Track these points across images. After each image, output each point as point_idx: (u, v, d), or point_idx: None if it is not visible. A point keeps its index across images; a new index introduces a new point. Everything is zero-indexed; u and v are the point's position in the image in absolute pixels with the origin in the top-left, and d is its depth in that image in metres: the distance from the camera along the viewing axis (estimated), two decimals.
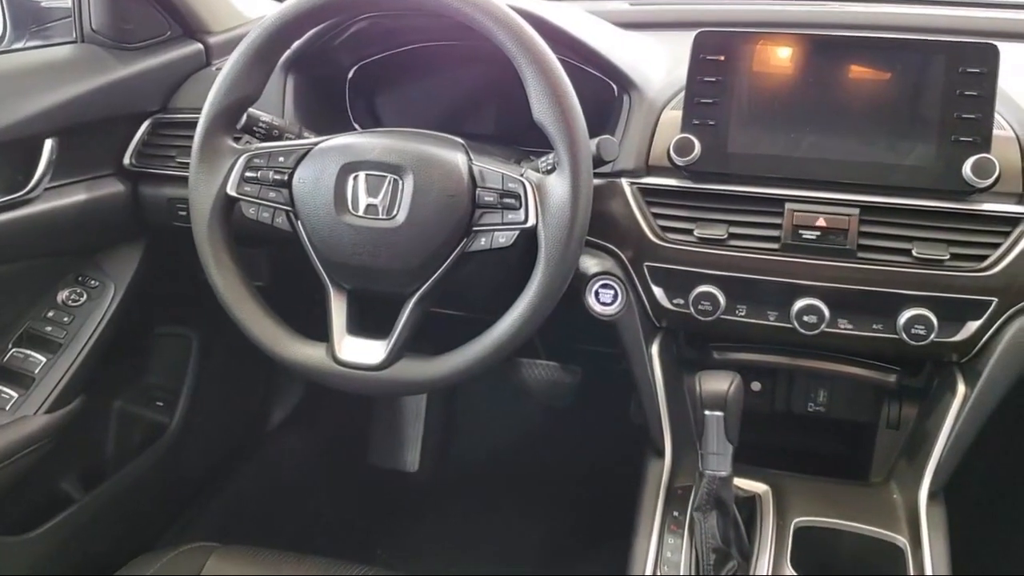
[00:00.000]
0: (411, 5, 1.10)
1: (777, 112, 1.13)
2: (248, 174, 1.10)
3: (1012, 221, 1.07)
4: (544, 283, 1.02)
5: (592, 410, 1.99)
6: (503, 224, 1.03)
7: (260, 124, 1.17)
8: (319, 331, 1.12)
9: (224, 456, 1.92)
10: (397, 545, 1.94)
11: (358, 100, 1.45)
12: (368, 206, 1.05)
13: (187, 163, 1.12)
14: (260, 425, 2.04)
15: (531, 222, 1.02)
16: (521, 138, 1.24)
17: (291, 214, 1.10)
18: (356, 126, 1.44)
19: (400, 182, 1.04)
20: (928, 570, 1.10)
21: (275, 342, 1.12)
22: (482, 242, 1.04)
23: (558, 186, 1.01)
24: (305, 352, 1.11)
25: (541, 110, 1.00)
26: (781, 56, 1.13)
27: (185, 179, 1.13)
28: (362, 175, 1.06)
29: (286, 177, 1.09)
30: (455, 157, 1.05)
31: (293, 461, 2.03)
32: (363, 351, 1.08)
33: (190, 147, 1.12)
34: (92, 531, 1.54)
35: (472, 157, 1.06)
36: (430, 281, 1.06)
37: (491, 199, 1.03)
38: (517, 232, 1.03)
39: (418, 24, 1.35)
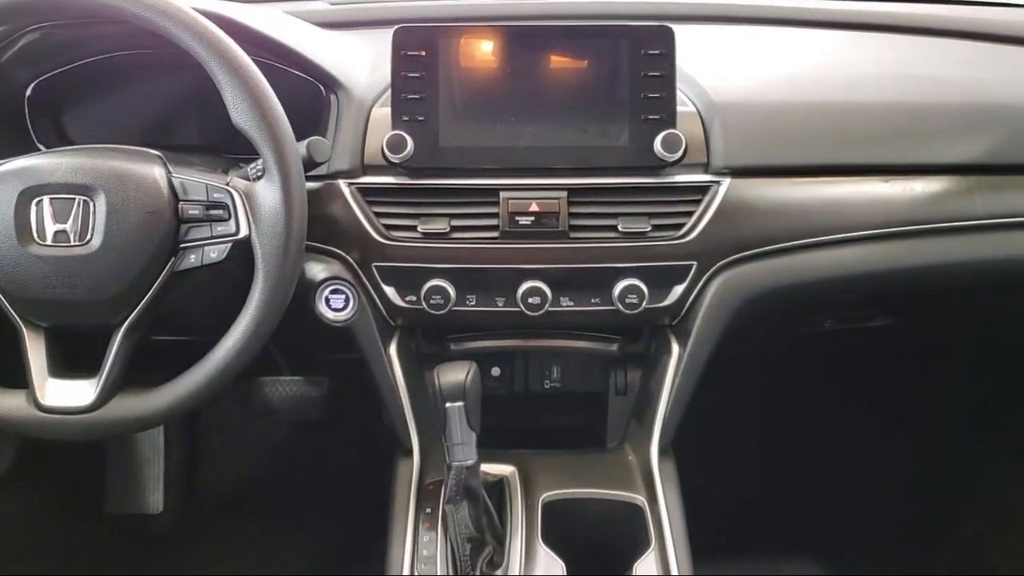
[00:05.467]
0: (80, 12, 1.02)
1: (484, 104, 1.16)
2: None
3: (701, 190, 1.16)
4: (265, 295, 0.98)
5: (343, 419, 1.96)
6: (213, 238, 0.99)
7: None
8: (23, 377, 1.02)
9: None
10: None
11: (41, 119, 1.32)
12: (57, 233, 0.97)
13: None
14: None
15: (243, 232, 0.98)
16: (229, 146, 1.18)
17: None
18: (41, 147, 1.31)
19: (91, 203, 0.97)
20: (665, 522, 1.17)
21: None
22: (192, 259, 0.99)
23: (268, 192, 0.98)
24: (1, 403, 1.00)
25: (239, 114, 0.97)
26: (482, 49, 1.16)
27: None
28: (46, 200, 0.97)
29: None
30: (151, 171, 0.99)
31: (16, 525, 1.82)
32: (70, 393, 1.00)
33: None
34: None
35: (171, 169, 1.01)
36: (139, 308, 1.00)
37: (196, 212, 0.99)
38: (229, 244, 0.99)
39: (102, 33, 1.24)
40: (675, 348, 1.24)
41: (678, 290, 1.18)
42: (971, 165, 1.22)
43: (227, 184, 0.99)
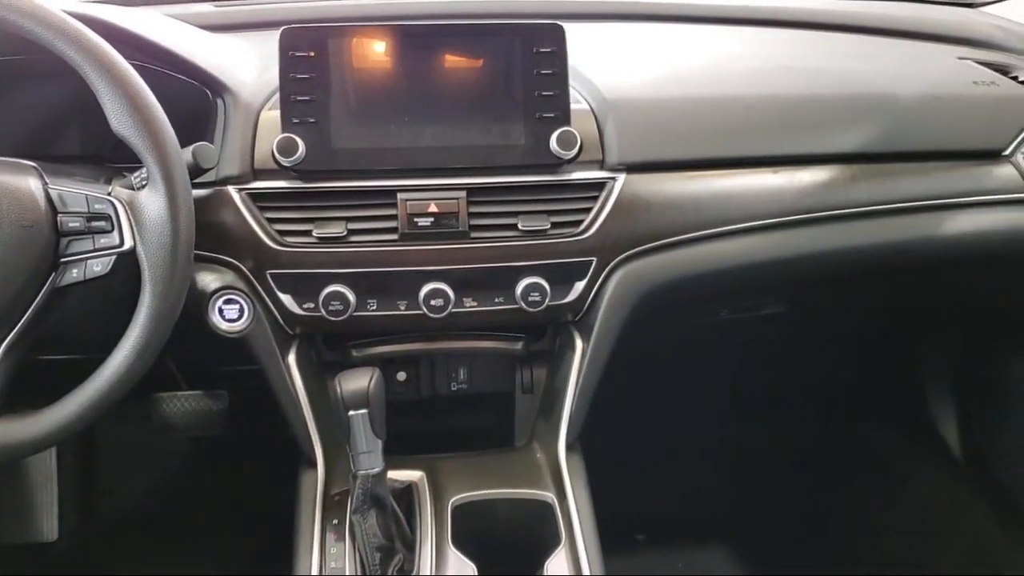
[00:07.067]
0: None
1: (376, 104, 1.14)
2: None
3: (597, 186, 1.17)
4: (153, 309, 0.95)
5: (247, 432, 1.90)
6: (96, 250, 0.95)
7: None
8: None
9: None
10: None
11: None
12: None
13: None
14: None
15: (128, 244, 0.94)
16: (115, 155, 1.13)
17: None
18: None
19: None
20: (574, 517, 1.18)
21: None
22: (74, 274, 0.95)
23: (152, 201, 0.95)
24: None
25: (119, 121, 0.93)
26: (373, 49, 1.14)
27: None
28: None
29: None
30: (25, 182, 0.95)
31: None
32: None
33: None
34: None
35: (48, 180, 0.96)
36: (18, 327, 0.95)
37: (77, 224, 0.94)
38: (114, 257, 0.95)
39: None
40: (579, 344, 1.24)
41: (579, 286, 1.19)
42: (854, 154, 1.27)
43: (109, 194, 0.96)
